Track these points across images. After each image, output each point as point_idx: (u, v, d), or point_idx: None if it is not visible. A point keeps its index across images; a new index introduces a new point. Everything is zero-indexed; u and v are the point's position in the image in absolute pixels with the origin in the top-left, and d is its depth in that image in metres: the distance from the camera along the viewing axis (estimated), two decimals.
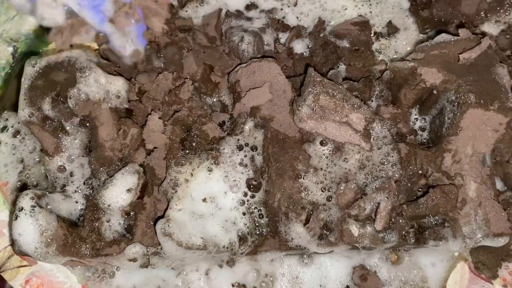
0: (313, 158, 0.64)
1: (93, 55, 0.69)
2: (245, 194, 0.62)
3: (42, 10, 0.63)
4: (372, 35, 0.77)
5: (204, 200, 0.61)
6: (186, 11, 0.77)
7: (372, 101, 0.69)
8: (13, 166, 0.73)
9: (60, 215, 0.62)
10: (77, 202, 0.64)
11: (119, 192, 0.61)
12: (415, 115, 0.69)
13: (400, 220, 0.62)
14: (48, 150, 0.66)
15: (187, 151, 0.64)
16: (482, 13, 0.76)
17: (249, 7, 0.78)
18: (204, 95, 0.70)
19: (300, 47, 0.75)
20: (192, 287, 0.69)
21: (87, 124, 0.66)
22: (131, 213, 0.63)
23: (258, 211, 0.63)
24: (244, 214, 0.62)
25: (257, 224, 0.62)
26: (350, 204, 0.62)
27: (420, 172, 0.64)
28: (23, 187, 0.72)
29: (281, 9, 0.78)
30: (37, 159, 0.73)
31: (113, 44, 0.64)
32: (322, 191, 0.63)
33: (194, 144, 0.64)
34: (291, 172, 0.64)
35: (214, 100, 0.70)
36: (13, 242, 0.60)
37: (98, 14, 0.61)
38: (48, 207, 0.62)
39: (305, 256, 0.70)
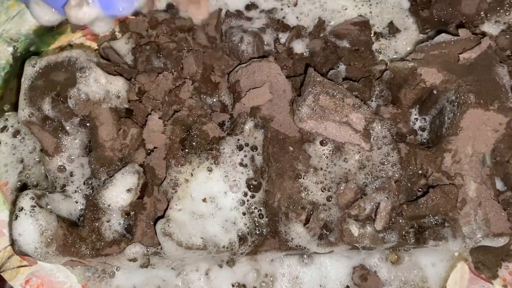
0: (313, 158, 0.64)
1: (93, 55, 0.69)
2: (245, 194, 0.62)
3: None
4: (372, 35, 0.77)
5: (204, 200, 0.61)
6: (186, 11, 0.77)
7: (372, 101, 0.69)
8: (13, 166, 0.73)
9: (60, 215, 0.62)
10: (77, 202, 0.64)
11: (119, 192, 0.61)
12: (415, 115, 0.69)
13: (400, 220, 0.62)
14: (48, 150, 0.66)
15: (187, 151, 0.64)
16: (482, 13, 0.76)
17: (249, 7, 0.78)
18: (204, 95, 0.70)
19: (300, 47, 0.75)
20: (192, 287, 0.69)
21: (87, 124, 0.66)
22: (131, 213, 0.63)
23: (258, 211, 0.63)
24: (244, 214, 0.62)
25: (257, 224, 0.62)
26: (350, 204, 0.62)
27: (420, 172, 0.64)
28: (23, 187, 0.72)
29: (281, 9, 0.78)
30: (37, 159, 0.73)
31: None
32: (322, 191, 0.64)
33: (194, 144, 0.64)
34: (291, 172, 0.64)
35: (214, 100, 0.70)
36: (13, 242, 0.60)
37: None
38: (48, 207, 0.62)
39: (305, 256, 0.70)
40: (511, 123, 0.63)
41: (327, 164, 0.64)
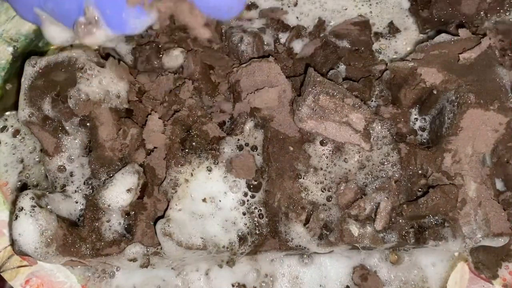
0: (313, 158, 0.64)
1: (93, 55, 0.69)
2: (245, 194, 0.62)
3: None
4: (372, 35, 0.77)
5: (204, 200, 0.61)
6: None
7: (372, 101, 0.69)
8: (13, 166, 0.73)
9: (60, 215, 0.62)
10: (77, 202, 0.64)
11: (119, 192, 0.61)
12: (415, 115, 0.69)
13: (400, 220, 0.62)
14: (48, 150, 0.66)
15: (187, 151, 0.64)
16: (482, 13, 0.76)
17: (249, 7, 0.78)
18: (204, 95, 0.70)
19: (300, 47, 0.75)
20: (192, 287, 0.69)
21: (87, 124, 0.66)
22: (131, 213, 0.63)
23: (258, 211, 0.63)
24: (244, 214, 0.62)
25: (257, 224, 0.62)
26: (350, 204, 0.62)
27: (420, 172, 0.64)
28: (23, 187, 0.72)
29: (281, 9, 0.78)
30: (37, 159, 0.73)
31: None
32: (322, 191, 0.63)
33: (194, 144, 0.64)
34: (291, 172, 0.64)
35: (214, 100, 0.70)
36: (13, 242, 0.60)
37: None
38: (48, 207, 0.62)
39: (305, 256, 0.70)
40: (511, 123, 0.63)
41: (327, 164, 0.64)
